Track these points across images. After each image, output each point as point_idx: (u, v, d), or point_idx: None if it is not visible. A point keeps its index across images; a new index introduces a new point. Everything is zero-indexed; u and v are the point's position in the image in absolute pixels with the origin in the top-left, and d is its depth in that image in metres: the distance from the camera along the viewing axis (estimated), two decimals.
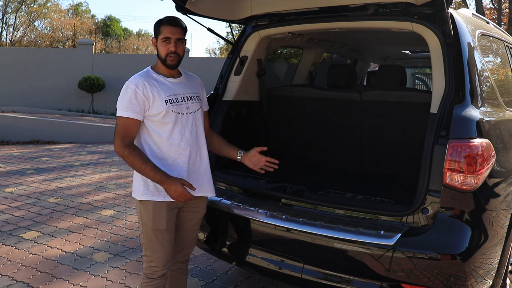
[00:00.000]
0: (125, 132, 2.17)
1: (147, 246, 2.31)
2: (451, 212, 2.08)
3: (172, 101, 2.24)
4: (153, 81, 2.23)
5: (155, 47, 2.29)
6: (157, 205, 2.24)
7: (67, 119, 11.65)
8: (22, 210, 4.81)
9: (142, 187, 2.25)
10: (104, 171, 6.95)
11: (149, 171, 2.14)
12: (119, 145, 2.15)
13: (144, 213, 2.27)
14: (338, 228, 2.21)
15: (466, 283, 2.00)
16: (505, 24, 18.06)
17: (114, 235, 4.13)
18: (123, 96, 2.19)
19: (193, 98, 2.36)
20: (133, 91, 2.17)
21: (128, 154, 2.14)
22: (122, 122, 2.18)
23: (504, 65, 3.14)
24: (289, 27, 3.05)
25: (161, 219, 2.25)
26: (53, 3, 32.47)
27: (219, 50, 37.61)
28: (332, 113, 3.42)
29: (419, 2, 2.39)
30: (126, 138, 2.16)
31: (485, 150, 2.10)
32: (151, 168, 2.14)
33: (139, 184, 2.27)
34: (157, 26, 2.26)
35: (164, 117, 2.21)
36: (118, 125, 2.19)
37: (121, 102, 2.19)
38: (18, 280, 3.21)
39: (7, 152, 8.42)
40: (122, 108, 2.18)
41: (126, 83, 2.21)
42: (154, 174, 2.14)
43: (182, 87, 2.34)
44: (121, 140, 2.15)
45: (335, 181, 3.04)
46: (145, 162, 2.15)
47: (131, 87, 2.18)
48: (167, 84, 2.28)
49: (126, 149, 2.14)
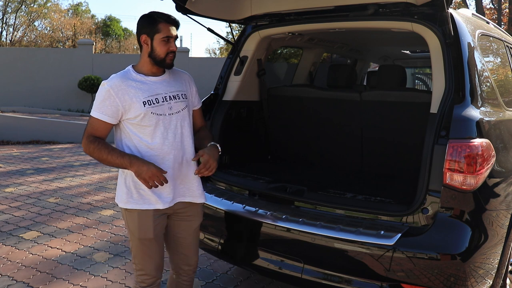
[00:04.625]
0: (93, 132, 2.09)
1: (135, 254, 2.22)
2: (451, 212, 2.08)
3: (151, 102, 2.09)
4: (131, 82, 2.10)
5: (146, 45, 2.11)
6: (142, 214, 2.13)
7: (67, 119, 11.65)
8: (22, 210, 4.81)
9: (125, 195, 2.14)
10: (104, 171, 6.95)
11: (116, 157, 2.03)
12: (85, 142, 2.07)
13: (130, 221, 2.17)
14: (338, 228, 2.21)
15: (466, 283, 2.00)
16: (505, 24, 18.06)
17: (114, 235, 4.13)
18: (98, 95, 2.09)
19: (177, 97, 2.19)
20: (107, 91, 2.06)
21: (93, 149, 2.05)
22: (92, 122, 2.10)
23: (504, 65, 3.14)
24: (289, 27, 3.05)
25: (147, 227, 2.14)
26: (53, 3, 32.48)
27: (219, 50, 37.63)
28: (332, 113, 3.42)
29: (419, 2, 2.39)
30: (91, 137, 2.08)
31: (485, 150, 2.10)
32: (118, 154, 2.04)
33: (121, 191, 2.16)
34: (153, 24, 2.09)
35: (143, 119, 2.08)
36: (88, 124, 2.11)
37: (96, 101, 2.09)
38: (18, 280, 3.21)
39: (7, 152, 8.42)
40: (94, 108, 2.09)
41: (102, 82, 2.10)
42: (122, 159, 2.03)
43: (164, 85, 2.18)
44: (86, 138, 2.08)
45: (335, 181, 3.04)
46: (111, 150, 2.05)
47: (106, 88, 2.06)
48: (148, 83, 2.13)
49: (91, 145, 2.05)
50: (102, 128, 2.10)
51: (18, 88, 15.66)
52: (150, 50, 2.11)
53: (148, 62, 2.14)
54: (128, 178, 2.14)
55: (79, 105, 15.97)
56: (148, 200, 2.11)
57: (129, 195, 2.13)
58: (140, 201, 2.12)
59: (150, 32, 2.10)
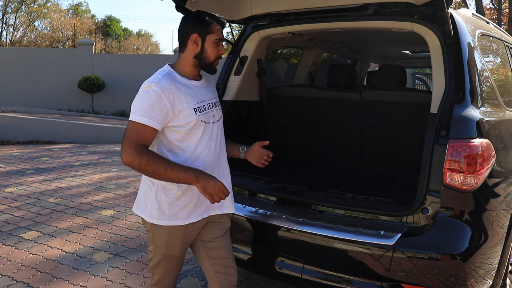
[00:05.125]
0: (139, 140, 1.82)
1: (155, 267, 2.09)
2: (451, 212, 2.08)
3: (201, 109, 1.94)
4: (179, 85, 1.91)
5: (195, 45, 1.94)
6: (172, 230, 1.98)
7: (67, 119, 11.64)
8: (22, 210, 4.81)
9: (156, 210, 1.95)
10: (104, 171, 6.95)
11: (178, 172, 1.81)
12: (133, 153, 1.78)
13: (158, 237, 2.01)
14: (338, 228, 2.21)
15: (466, 283, 2.00)
16: (505, 24, 18.05)
17: (114, 235, 4.13)
18: (144, 98, 1.83)
19: (216, 104, 2.06)
20: (157, 95, 1.82)
21: (146, 162, 1.78)
22: (138, 128, 1.82)
23: (504, 65, 3.14)
24: (289, 27, 3.05)
25: (175, 245, 2.01)
26: (53, 3, 32.46)
27: None
28: (332, 113, 3.42)
29: (419, 2, 2.39)
30: (140, 147, 1.81)
31: (485, 150, 2.10)
32: (179, 168, 1.82)
33: (152, 206, 1.96)
34: (206, 24, 1.95)
35: (193, 128, 1.91)
36: (131, 130, 1.82)
37: (140, 105, 1.83)
38: (18, 280, 3.21)
39: (7, 152, 8.42)
40: (141, 113, 1.82)
41: (148, 84, 1.85)
42: (185, 174, 1.81)
43: (205, 91, 2.03)
44: (134, 148, 1.79)
45: (335, 181, 3.04)
46: (170, 165, 1.82)
47: (156, 90, 1.82)
48: (193, 88, 1.96)
49: (143, 157, 1.78)
50: (150, 136, 1.85)
51: (18, 88, 15.66)
52: (200, 51, 1.96)
53: (191, 64, 1.98)
54: (160, 193, 1.96)
55: (79, 105, 15.97)
56: (182, 215, 1.96)
57: (161, 211, 1.95)
58: (173, 217, 1.96)
59: (202, 32, 1.95)
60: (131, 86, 15.77)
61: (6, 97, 15.27)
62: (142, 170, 1.82)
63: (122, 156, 1.80)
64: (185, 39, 1.96)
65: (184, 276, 3.32)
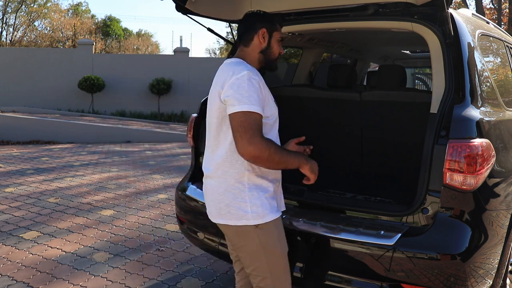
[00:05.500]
0: (261, 129, 1.75)
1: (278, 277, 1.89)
2: (451, 212, 2.08)
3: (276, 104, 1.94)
4: None
5: (263, 40, 1.93)
6: (277, 222, 1.88)
7: (67, 119, 11.65)
8: (22, 210, 4.81)
9: (259, 208, 1.82)
10: (104, 171, 6.95)
11: (293, 157, 1.81)
12: (262, 143, 1.71)
13: (266, 239, 1.85)
14: (338, 228, 2.21)
15: (466, 283, 2.00)
16: (505, 24, 18.06)
17: (114, 235, 4.13)
18: (250, 87, 1.75)
19: None
20: (257, 83, 1.77)
21: (275, 149, 1.74)
22: (256, 118, 1.73)
23: (504, 65, 3.14)
24: (289, 27, 3.05)
25: (284, 237, 1.91)
26: (53, 3, 32.49)
27: (219, 50, 37.67)
28: (332, 113, 3.42)
29: (419, 2, 2.39)
30: (264, 136, 1.75)
31: (485, 150, 2.10)
32: (292, 153, 1.85)
33: (253, 206, 1.82)
34: (272, 21, 1.95)
35: (275, 121, 1.92)
36: (249, 121, 1.72)
37: (250, 94, 1.73)
38: (18, 280, 3.21)
39: (7, 152, 8.42)
40: (252, 102, 1.73)
41: (246, 73, 1.76)
42: (297, 157, 1.82)
43: None
44: (261, 138, 1.72)
45: (335, 181, 3.04)
46: (284, 149, 1.84)
47: (256, 79, 1.77)
48: None
49: (271, 145, 1.74)
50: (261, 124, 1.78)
51: (18, 88, 15.68)
52: (266, 46, 1.95)
53: (257, 59, 1.96)
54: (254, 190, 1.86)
55: (79, 105, 15.98)
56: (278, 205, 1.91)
57: (264, 207, 1.84)
58: (274, 208, 1.87)
59: (270, 28, 1.96)
60: (131, 86, 15.91)
61: (6, 97, 15.29)
62: (269, 161, 1.75)
63: (250, 149, 1.70)
64: (252, 34, 1.95)
65: (184, 276, 3.32)
